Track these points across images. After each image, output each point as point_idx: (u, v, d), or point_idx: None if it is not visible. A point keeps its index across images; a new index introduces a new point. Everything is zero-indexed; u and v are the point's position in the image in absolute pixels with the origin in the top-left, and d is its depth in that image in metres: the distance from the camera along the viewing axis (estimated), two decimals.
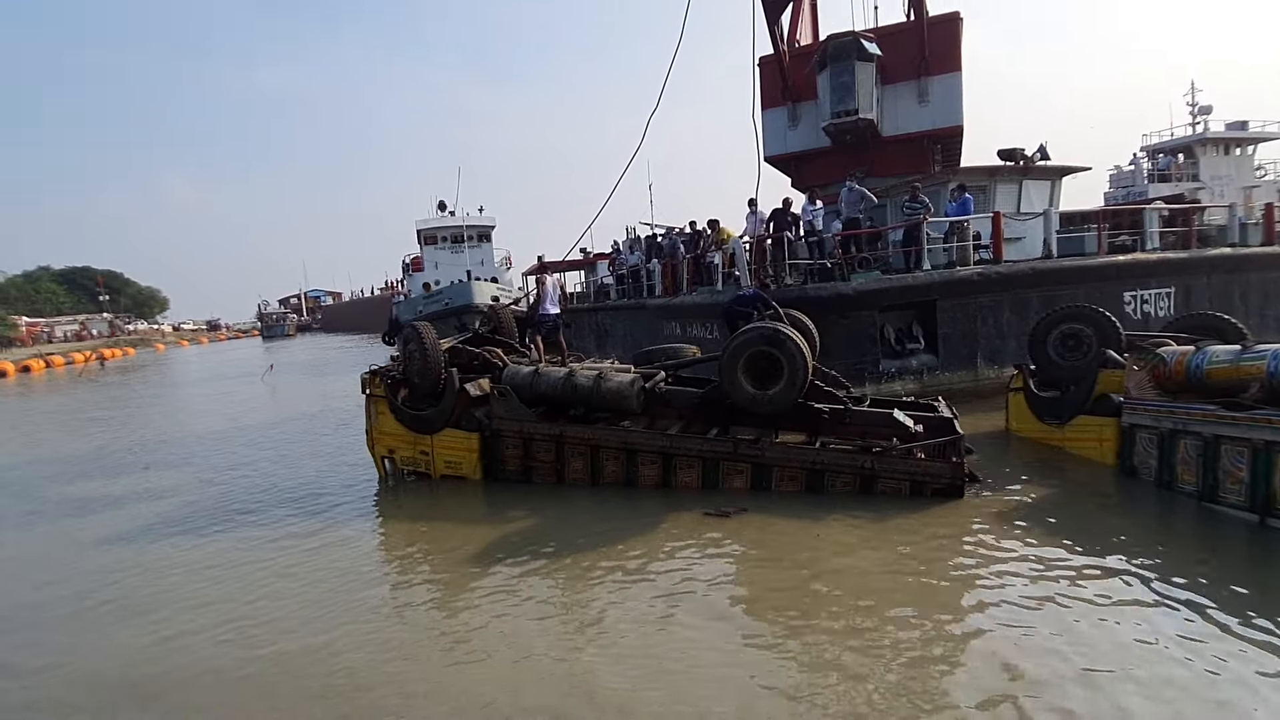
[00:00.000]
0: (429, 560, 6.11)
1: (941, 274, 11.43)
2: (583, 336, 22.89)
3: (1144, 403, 6.66)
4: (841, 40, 15.46)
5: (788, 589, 4.93)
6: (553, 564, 5.64)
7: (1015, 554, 5.26)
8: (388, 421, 8.53)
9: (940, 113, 16.27)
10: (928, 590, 4.79)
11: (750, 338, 7.20)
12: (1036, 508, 6.27)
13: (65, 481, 10.29)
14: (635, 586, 5.12)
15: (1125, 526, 5.81)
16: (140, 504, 8.58)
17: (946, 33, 16.10)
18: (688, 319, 13.97)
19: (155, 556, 6.58)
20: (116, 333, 70.44)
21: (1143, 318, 11.90)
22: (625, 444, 7.50)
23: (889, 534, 5.76)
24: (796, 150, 17.78)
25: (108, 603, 5.56)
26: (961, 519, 6.08)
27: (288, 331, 78.60)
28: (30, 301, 68.27)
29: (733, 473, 7.15)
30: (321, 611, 5.07)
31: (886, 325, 11.15)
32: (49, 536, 7.61)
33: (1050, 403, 8.13)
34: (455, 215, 38.83)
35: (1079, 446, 7.58)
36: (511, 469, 7.94)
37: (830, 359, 10.21)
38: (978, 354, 11.28)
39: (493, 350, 9.18)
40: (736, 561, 5.56)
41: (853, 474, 6.79)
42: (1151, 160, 37.21)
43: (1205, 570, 4.76)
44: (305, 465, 10.12)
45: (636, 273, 19.32)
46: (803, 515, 6.28)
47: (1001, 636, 4.07)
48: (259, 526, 7.26)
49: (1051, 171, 14.40)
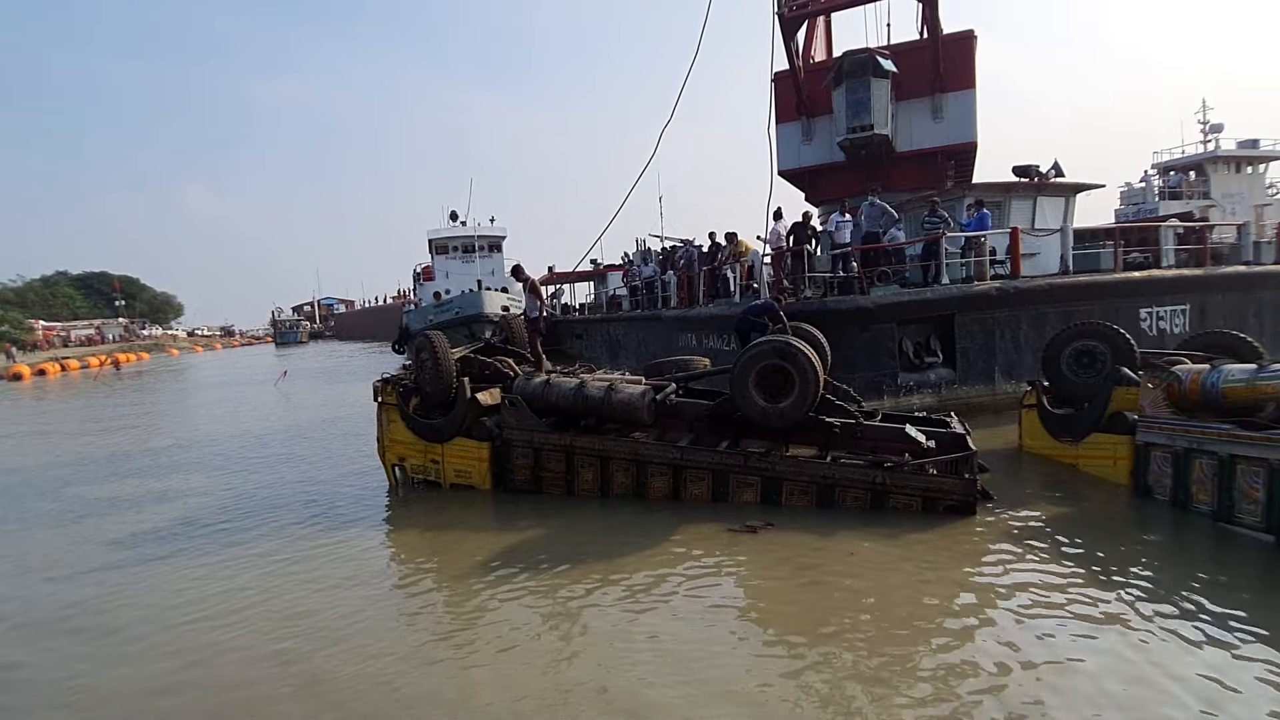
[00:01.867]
0: (439, 570, 6.12)
1: (960, 288, 11.46)
2: (594, 347, 22.95)
3: (1159, 421, 6.60)
4: (857, 57, 15.59)
5: (802, 603, 4.91)
6: (563, 575, 5.63)
7: (1029, 574, 5.22)
8: (399, 430, 8.58)
9: (954, 129, 16.36)
10: (943, 609, 4.76)
11: (762, 351, 7.20)
12: (1050, 526, 6.21)
13: (81, 484, 10.42)
14: (647, 600, 5.11)
15: (1140, 547, 5.75)
16: (156, 506, 8.68)
17: (960, 50, 16.21)
18: (704, 330, 14.02)
19: (169, 562, 6.63)
20: (131, 337, 71.27)
21: (1158, 334, 11.85)
22: (635, 455, 7.50)
23: (904, 550, 5.72)
24: (810, 165, 17.89)
25: (122, 607, 5.61)
26: (974, 536, 6.04)
27: (300, 339, 79.31)
28: (48, 306, 69.18)
29: (743, 486, 7.13)
30: (331, 620, 5.09)
31: (905, 339, 11.16)
32: (69, 537, 7.68)
33: (1064, 420, 8.07)
34: (466, 225, 39.20)
35: (1093, 465, 7.52)
36: (521, 479, 7.96)
37: (849, 372, 10.27)
38: (995, 368, 11.27)
39: (504, 360, 9.23)
40: (755, 577, 5.53)
41: (864, 489, 6.76)
42: (1163, 178, 37.12)
43: (1222, 592, 4.70)
44: (318, 472, 10.17)
45: (651, 284, 19.41)
46: (818, 529, 6.26)
47: (1015, 659, 4.03)
48: (271, 531, 7.31)
49: (1065, 188, 14.43)
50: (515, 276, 10.16)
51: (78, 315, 71.81)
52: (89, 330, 66.87)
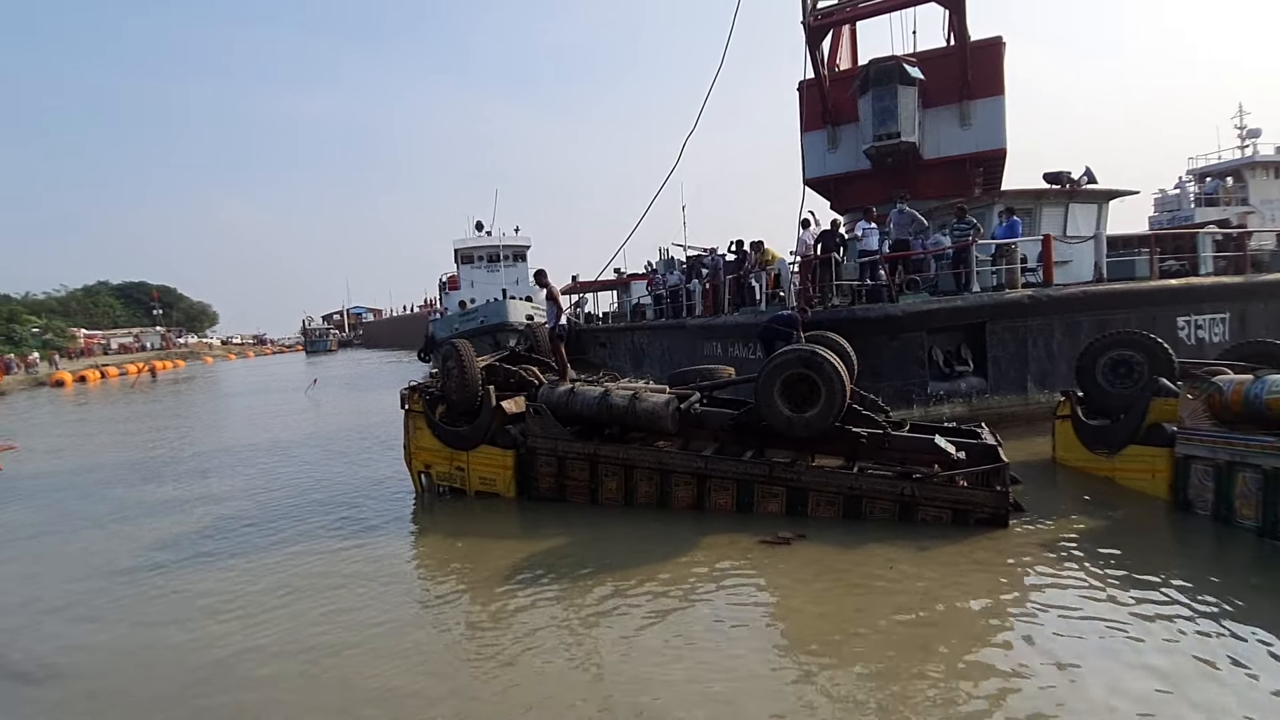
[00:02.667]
0: (464, 575, 6.16)
1: (991, 296, 11.27)
2: (618, 356, 22.98)
3: (1199, 433, 6.40)
4: (884, 64, 15.49)
5: (834, 617, 4.83)
6: (588, 584, 5.62)
7: (1066, 590, 5.08)
8: (425, 437, 8.66)
9: (982, 136, 16.15)
10: (978, 625, 4.66)
11: (787, 359, 7.14)
12: (1086, 542, 6.04)
13: (125, 486, 10.81)
14: (675, 611, 5.07)
15: (1181, 563, 5.56)
16: (191, 509, 8.92)
17: (989, 57, 16.01)
18: (729, 339, 13.97)
19: (203, 564, 6.77)
20: (169, 345, 73.20)
21: (1196, 344, 11.52)
22: (660, 464, 7.48)
23: (939, 563, 5.61)
24: (836, 173, 17.78)
25: (159, 598, 5.73)
26: (1012, 551, 5.88)
27: (330, 347, 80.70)
28: (89, 315, 71.40)
29: (768, 496, 7.06)
30: (357, 621, 5.14)
31: (935, 347, 10.99)
32: (114, 538, 7.89)
33: (1099, 431, 7.87)
34: (492, 235, 39.60)
35: (1129, 478, 7.31)
36: (545, 487, 7.98)
37: (878, 380, 10.16)
38: (1028, 377, 11.05)
39: (529, 368, 9.28)
40: (790, 589, 5.43)
41: (892, 501, 6.65)
42: (1198, 184, 36.18)
43: (1271, 613, 4.52)
44: (346, 477, 10.33)
45: (676, 293, 19.41)
46: (847, 541, 6.17)
47: (1054, 680, 3.92)
48: (300, 534, 7.43)
49: (1098, 195, 14.13)
50: (538, 282, 10.24)
51: (118, 324, 74.05)
52: (128, 338, 68.85)
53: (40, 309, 64.27)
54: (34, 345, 51.06)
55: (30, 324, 55.77)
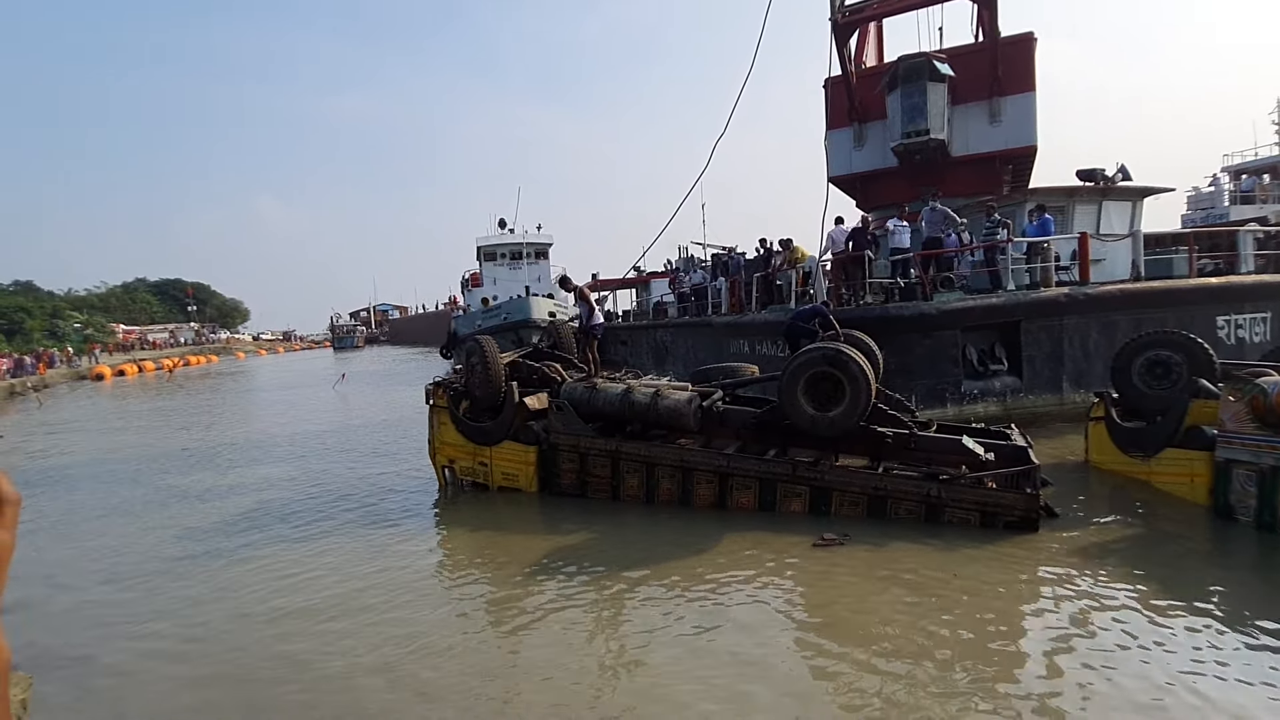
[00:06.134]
0: (486, 568, 6.18)
1: (1026, 294, 11.06)
2: (639, 353, 22.97)
3: (1241, 436, 6.18)
4: (914, 61, 15.27)
5: (857, 617, 4.76)
6: (609, 581, 5.61)
7: (1099, 597, 4.93)
8: (449, 432, 8.73)
9: (1013, 133, 15.82)
10: (1008, 630, 4.55)
11: (811, 358, 7.06)
12: (1120, 548, 5.87)
13: (159, 475, 11.18)
14: (697, 606, 5.04)
15: (1221, 572, 5.38)
16: (222, 500, 9.12)
17: (1020, 52, 15.67)
18: (756, 337, 13.87)
19: (228, 555, 6.90)
20: (203, 341, 74.98)
21: (1236, 344, 11.18)
22: (682, 462, 7.44)
23: (966, 565, 5.50)
24: (862, 170, 17.55)
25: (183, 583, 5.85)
26: (1043, 558, 5.72)
27: (356, 343, 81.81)
28: (128, 310, 73.38)
29: (790, 495, 6.99)
30: (381, 613, 5.18)
31: (969, 346, 10.81)
32: (151, 526, 8.09)
33: (1135, 434, 7.65)
34: (514, 233, 39.78)
35: (1167, 482, 7.09)
36: (567, 483, 7.99)
37: (910, 379, 10.05)
38: (1063, 377, 10.82)
39: (552, 365, 9.30)
40: (811, 587, 5.39)
41: (918, 502, 6.53)
42: (1234, 181, 35.04)
43: None
44: (371, 471, 10.46)
45: (700, 291, 19.33)
46: (873, 542, 6.07)
47: (1087, 691, 3.81)
48: (326, 529, 7.54)
49: (1132, 192, 13.81)
50: (563, 287, 10.22)
51: (154, 320, 75.97)
52: (163, 334, 70.65)
53: (82, 305, 66.26)
54: (76, 340, 52.65)
55: (73, 319, 57.51)
